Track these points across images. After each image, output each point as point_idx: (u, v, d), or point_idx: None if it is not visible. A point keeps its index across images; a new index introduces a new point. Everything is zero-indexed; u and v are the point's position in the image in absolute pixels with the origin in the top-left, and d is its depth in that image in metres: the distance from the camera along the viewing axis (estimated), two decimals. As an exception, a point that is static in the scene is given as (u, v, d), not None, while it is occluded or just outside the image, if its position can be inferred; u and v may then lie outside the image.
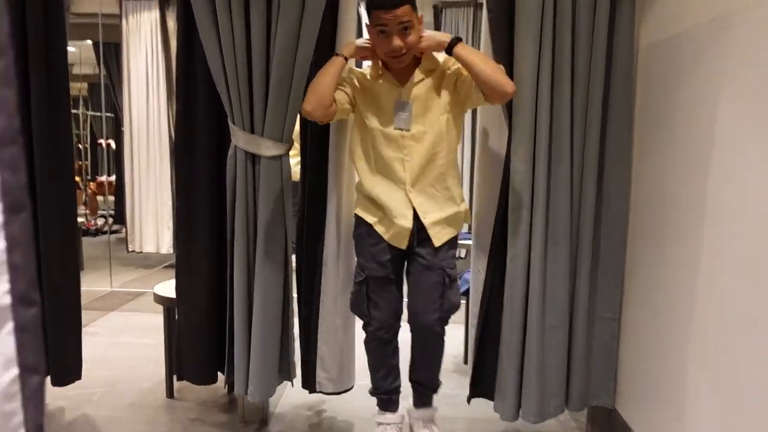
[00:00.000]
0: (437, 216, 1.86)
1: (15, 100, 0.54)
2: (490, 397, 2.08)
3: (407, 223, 1.84)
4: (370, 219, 1.90)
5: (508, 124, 1.93)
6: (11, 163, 0.55)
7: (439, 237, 1.87)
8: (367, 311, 1.94)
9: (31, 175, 1.96)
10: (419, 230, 1.86)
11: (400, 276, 1.97)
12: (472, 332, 2.14)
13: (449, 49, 1.77)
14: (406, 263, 1.96)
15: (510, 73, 1.86)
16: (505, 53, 1.90)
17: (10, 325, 0.58)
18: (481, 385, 2.09)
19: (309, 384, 2.18)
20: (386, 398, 2.05)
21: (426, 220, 1.85)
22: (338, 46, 1.99)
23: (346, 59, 1.83)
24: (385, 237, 1.88)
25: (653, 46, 1.88)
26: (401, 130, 1.83)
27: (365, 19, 1.87)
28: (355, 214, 1.96)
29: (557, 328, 1.96)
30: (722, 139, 1.46)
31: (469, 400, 2.12)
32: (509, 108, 1.91)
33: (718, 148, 1.47)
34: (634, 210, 1.98)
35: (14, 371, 0.59)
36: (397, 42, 1.74)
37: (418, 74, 1.85)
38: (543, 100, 1.87)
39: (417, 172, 1.84)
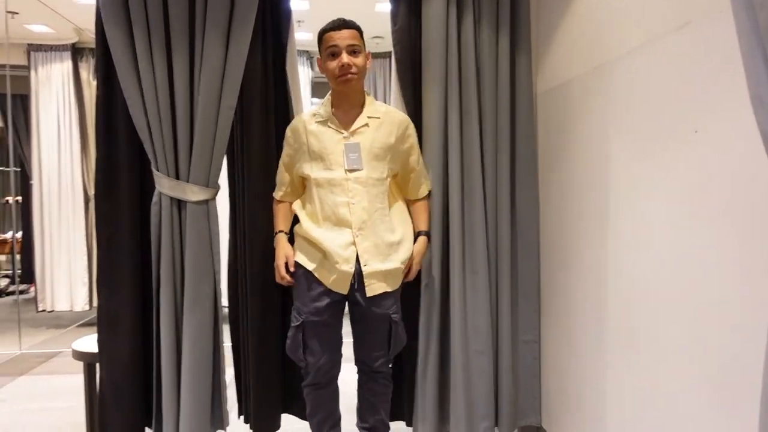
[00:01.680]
0: (377, 268, 1.83)
1: None
2: (408, 422, 2.15)
3: (349, 268, 1.80)
4: (309, 265, 1.86)
5: None
6: None
7: (372, 288, 1.83)
8: (303, 357, 1.90)
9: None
10: (361, 275, 1.82)
11: (340, 320, 1.94)
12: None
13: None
14: (348, 307, 1.92)
15: (419, 115, 2.04)
16: (412, 98, 2.06)
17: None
18: (399, 409, 2.17)
19: (254, 424, 2.13)
20: None
21: (365, 269, 1.82)
22: (291, 89, 2.11)
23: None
24: (326, 283, 1.84)
25: (549, 92, 2.11)
26: (354, 171, 1.84)
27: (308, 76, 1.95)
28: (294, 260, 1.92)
29: (482, 353, 2.07)
30: (615, 171, 1.66)
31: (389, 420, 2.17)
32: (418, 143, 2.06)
33: (613, 179, 1.67)
34: (544, 237, 2.16)
35: None
36: (345, 59, 1.80)
37: (362, 119, 1.89)
38: (453, 137, 2.04)
39: (363, 216, 1.83)
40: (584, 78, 1.83)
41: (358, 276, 1.83)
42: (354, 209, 1.83)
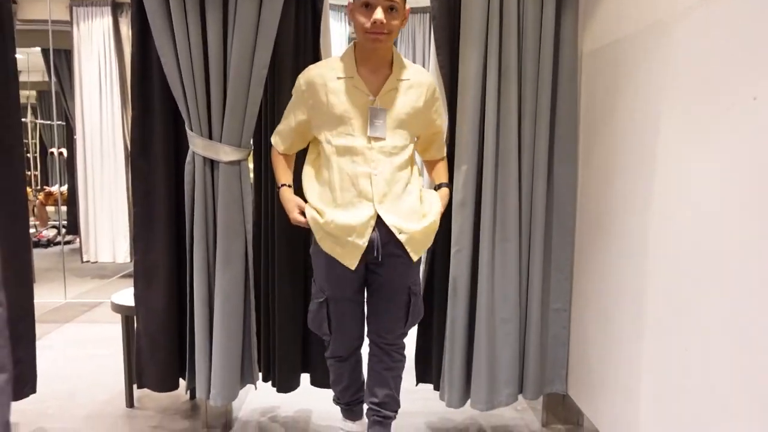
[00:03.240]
0: (413, 228, 1.75)
1: None
2: (436, 386, 2.17)
3: (362, 242, 1.71)
4: (326, 247, 1.76)
5: (449, 125, 2.02)
6: None
7: (417, 251, 1.78)
8: (327, 331, 1.87)
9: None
10: (384, 245, 1.74)
11: (362, 294, 1.88)
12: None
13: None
14: (367, 280, 1.85)
15: (456, 78, 1.97)
16: (448, 60, 1.98)
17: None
18: (427, 373, 2.20)
19: (277, 383, 2.20)
20: (348, 408, 2.05)
21: (403, 236, 1.74)
22: (323, 51, 2.07)
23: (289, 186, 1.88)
24: (338, 257, 1.75)
25: (596, 52, 1.99)
26: (376, 139, 1.72)
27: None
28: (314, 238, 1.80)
29: (508, 320, 2.05)
30: (665, 138, 1.57)
31: (417, 383, 2.23)
32: (453, 109, 1.99)
33: (661, 146, 1.58)
34: (581, 206, 2.09)
35: None
36: (379, 15, 1.62)
37: (391, 82, 1.75)
38: (489, 101, 1.95)
39: (385, 189, 1.72)
40: (635, 37, 1.71)
41: (383, 246, 1.73)
42: (376, 180, 1.71)
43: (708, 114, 1.36)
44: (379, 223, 1.73)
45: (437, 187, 1.94)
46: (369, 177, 1.72)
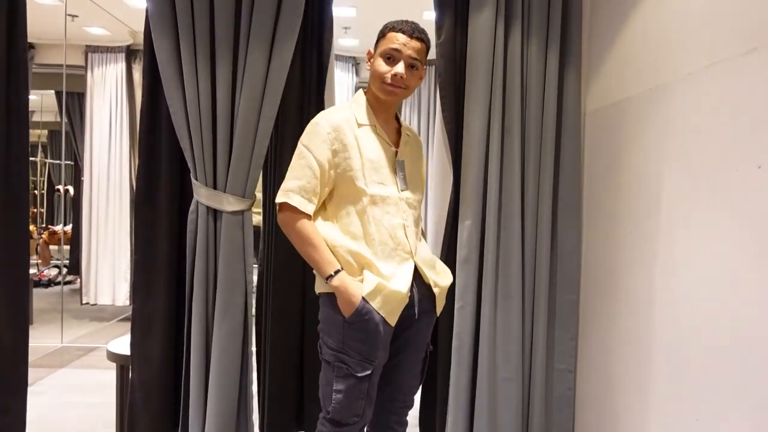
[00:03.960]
0: (444, 283, 1.73)
1: None
2: None
3: (408, 293, 1.61)
4: (376, 303, 1.56)
5: (454, 181, 2.02)
6: None
7: (441, 306, 1.74)
8: (360, 411, 1.60)
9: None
10: (420, 301, 1.66)
11: None
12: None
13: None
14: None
15: (461, 135, 1.98)
16: (454, 117, 2.00)
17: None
18: (430, 429, 2.11)
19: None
20: None
21: (437, 290, 1.69)
22: (327, 104, 2.08)
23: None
24: (389, 318, 1.58)
25: (599, 111, 2.01)
26: (404, 190, 1.68)
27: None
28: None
29: (510, 380, 1.99)
30: (668, 198, 1.56)
31: None
32: (458, 165, 1.99)
33: (665, 206, 1.57)
34: (586, 264, 2.06)
35: None
36: (401, 69, 1.60)
37: (404, 135, 1.73)
38: (493, 158, 1.97)
39: (414, 242, 1.67)
40: (639, 98, 1.73)
41: (418, 301, 1.65)
42: (409, 232, 1.65)
43: (711, 176, 1.36)
44: (416, 276, 1.66)
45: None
46: (404, 228, 1.64)
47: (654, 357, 1.59)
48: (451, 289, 1.98)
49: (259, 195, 2.11)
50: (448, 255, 2.02)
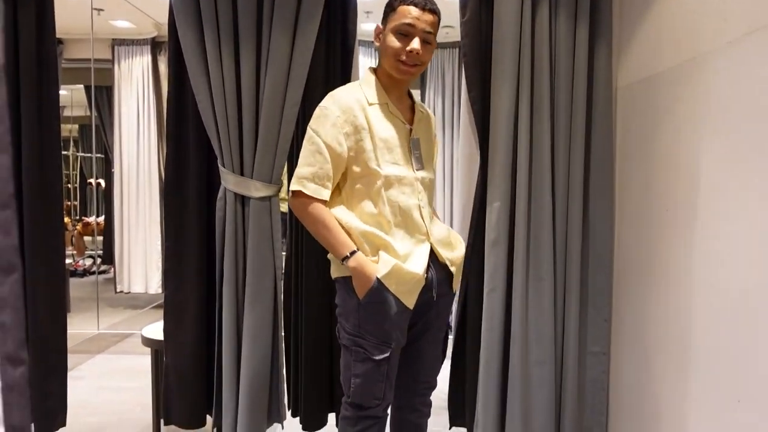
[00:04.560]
0: (457, 255, 1.73)
1: (9, 166, 0.56)
2: (469, 429, 2.08)
3: (424, 275, 1.61)
4: (391, 285, 1.55)
5: (481, 163, 1.98)
6: (3, 226, 0.56)
7: (457, 282, 1.74)
8: (382, 394, 1.60)
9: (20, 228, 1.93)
10: (440, 283, 1.67)
11: None
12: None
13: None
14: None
15: (487, 115, 1.94)
16: (480, 96, 1.96)
17: (-4, 385, 0.59)
18: (459, 416, 2.12)
19: (303, 420, 2.15)
20: None
21: (453, 269, 1.70)
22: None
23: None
24: (406, 300, 1.59)
25: (631, 87, 1.95)
26: (418, 170, 1.67)
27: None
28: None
29: (544, 363, 1.96)
30: (707, 172, 1.50)
31: (450, 426, 2.15)
32: (485, 146, 1.96)
33: (703, 181, 1.52)
34: (620, 243, 2.01)
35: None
36: (417, 44, 1.55)
37: (418, 113, 1.70)
38: (522, 138, 1.91)
39: (429, 222, 1.66)
40: (673, 71, 1.67)
41: (437, 283, 1.66)
42: (424, 213, 1.64)
43: (752, 147, 1.30)
44: (432, 258, 1.65)
45: None
46: (419, 209, 1.63)
47: (692, 339, 1.54)
48: (481, 272, 1.96)
49: (285, 181, 2.12)
50: (476, 238, 1.99)
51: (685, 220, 1.59)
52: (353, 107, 1.58)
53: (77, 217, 5.75)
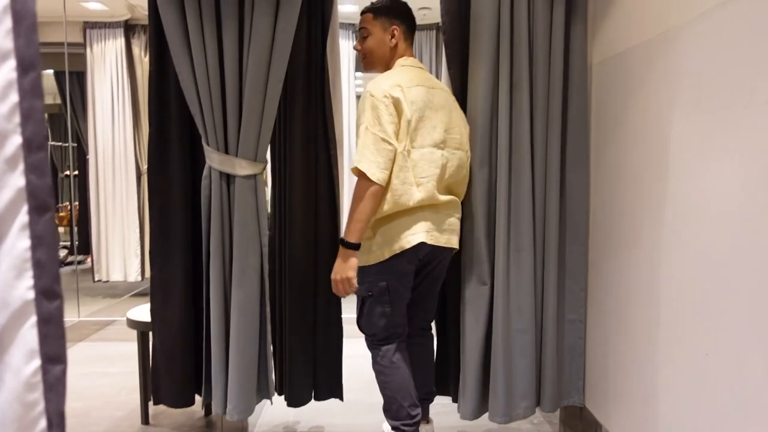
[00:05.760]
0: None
1: (42, 110, 0.58)
2: (454, 398, 2.16)
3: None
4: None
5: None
6: (38, 167, 0.58)
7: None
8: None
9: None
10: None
11: None
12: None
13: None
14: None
15: (465, 92, 2.01)
16: (459, 73, 2.01)
17: (33, 319, 0.61)
18: (444, 385, 2.21)
19: (288, 397, 2.19)
20: (415, 425, 1.93)
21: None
22: (331, 67, 2.13)
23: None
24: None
25: (605, 62, 2.01)
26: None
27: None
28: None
29: (525, 331, 2.04)
30: (677, 143, 1.57)
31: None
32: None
33: (673, 151, 1.59)
34: (594, 214, 2.09)
35: (36, 362, 0.61)
36: (355, 43, 1.99)
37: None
38: (502, 112, 1.98)
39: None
40: (646, 46, 1.73)
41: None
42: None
43: (721, 118, 1.37)
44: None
45: None
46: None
47: (662, 299, 1.62)
48: (461, 244, 2.02)
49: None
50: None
51: (656, 193, 1.66)
52: (392, 92, 1.81)
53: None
